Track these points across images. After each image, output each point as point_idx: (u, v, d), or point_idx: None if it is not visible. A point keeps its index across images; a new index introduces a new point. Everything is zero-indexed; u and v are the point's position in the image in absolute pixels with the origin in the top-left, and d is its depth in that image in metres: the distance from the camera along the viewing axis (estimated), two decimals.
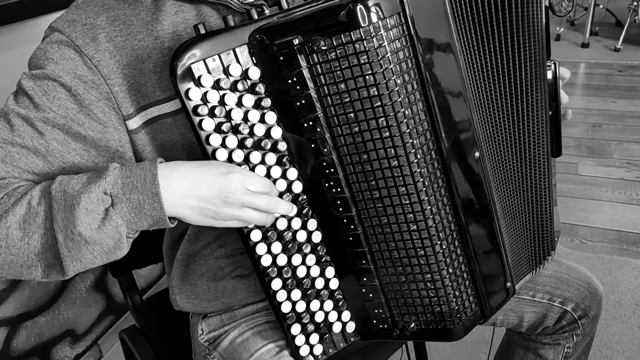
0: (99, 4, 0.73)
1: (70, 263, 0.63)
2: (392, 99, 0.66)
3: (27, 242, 0.63)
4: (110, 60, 0.71)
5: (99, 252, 0.64)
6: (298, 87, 0.68)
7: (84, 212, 0.61)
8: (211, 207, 0.66)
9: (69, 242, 0.62)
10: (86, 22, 0.71)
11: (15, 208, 0.63)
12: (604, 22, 4.47)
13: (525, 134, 0.83)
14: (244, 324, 0.90)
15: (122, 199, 0.63)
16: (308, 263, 0.78)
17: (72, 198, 0.62)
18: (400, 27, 0.66)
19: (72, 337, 1.58)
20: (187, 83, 0.66)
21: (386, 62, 0.65)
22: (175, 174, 0.65)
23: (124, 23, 0.72)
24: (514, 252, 0.87)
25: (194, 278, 0.89)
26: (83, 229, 0.61)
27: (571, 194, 2.33)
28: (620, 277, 1.88)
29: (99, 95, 0.71)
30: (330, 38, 0.65)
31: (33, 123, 0.69)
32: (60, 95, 0.70)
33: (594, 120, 3.03)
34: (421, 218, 0.72)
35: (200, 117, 0.67)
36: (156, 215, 0.64)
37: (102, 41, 0.71)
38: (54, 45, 0.70)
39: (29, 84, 0.70)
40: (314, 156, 0.72)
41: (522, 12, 0.77)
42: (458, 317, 0.79)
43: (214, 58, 0.67)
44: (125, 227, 0.64)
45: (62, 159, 0.71)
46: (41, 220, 0.63)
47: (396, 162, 0.70)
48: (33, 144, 0.69)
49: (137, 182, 0.63)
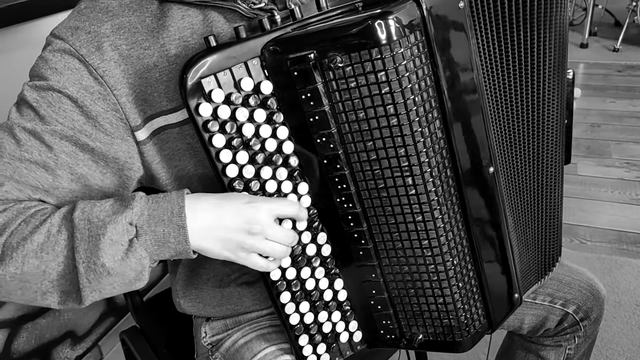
0: (102, 10, 0.69)
1: (89, 293, 0.62)
2: (410, 118, 0.64)
3: (43, 270, 0.61)
4: (115, 70, 0.68)
5: (119, 283, 0.64)
6: (312, 102, 0.66)
7: (109, 243, 0.60)
8: (235, 238, 0.65)
9: (91, 274, 0.61)
10: (90, 29, 0.67)
11: (34, 236, 0.61)
12: (603, 23, 4.45)
13: (541, 144, 0.82)
14: (247, 327, 0.90)
15: (147, 230, 0.62)
16: (317, 276, 0.77)
17: (98, 228, 0.60)
18: (420, 44, 0.63)
19: (73, 339, 1.57)
20: (197, 98, 0.63)
21: (405, 81, 0.63)
22: (200, 206, 0.64)
23: (129, 31, 0.69)
24: (523, 263, 0.87)
25: (199, 282, 0.88)
26: (107, 260, 0.60)
27: (570, 194, 2.33)
28: (620, 277, 1.88)
29: (106, 106, 0.68)
30: (347, 54, 0.62)
31: (40, 136, 0.66)
32: (66, 107, 0.67)
33: (593, 120, 3.02)
34: (434, 236, 0.71)
35: (210, 133, 0.65)
36: (180, 248, 0.64)
37: (107, 50, 0.67)
38: (57, 54, 0.67)
39: (33, 96, 0.67)
40: (326, 172, 0.70)
41: (545, 20, 0.74)
42: (466, 330, 0.79)
43: (225, 72, 0.64)
44: (148, 260, 0.63)
45: (71, 170, 0.69)
46: (60, 248, 0.61)
47: (411, 180, 0.68)
48: (42, 159, 0.67)
49: (164, 215, 0.62)
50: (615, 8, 4.46)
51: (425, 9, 0.62)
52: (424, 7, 0.62)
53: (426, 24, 0.62)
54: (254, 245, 0.66)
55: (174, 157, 0.75)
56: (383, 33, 0.60)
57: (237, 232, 0.65)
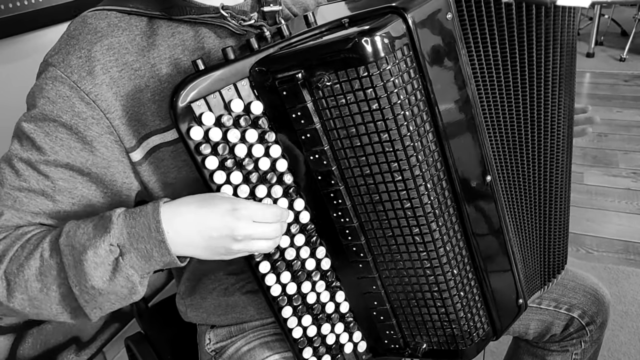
0: (91, 31, 0.69)
1: (91, 311, 0.65)
2: (400, 133, 0.64)
3: (46, 292, 0.64)
4: (107, 94, 0.68)
5: (115, 299, 0.65)
6: (303, 121, 0.66)
7: (93, 267, 0.61)
8: (221, 245, 0.65)
9: (85, 295, 0.63)
10: (81, 54, 0.68)
11: (30, 261, 0.64)
12: (609, 32, 4.42)
13: (546, 153, 0.81)
14: (251, 334, 0.91)
15: (129, 249, 0.63)
16: (318, 289, 0.77)
17: (79, 254, 0.62)
18: (408, 59, 0.62)
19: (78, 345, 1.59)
20: (189, 122, 0.64)
21: (394, 97, 0.62)
22: (179, 219, 0.64)
23: (119, 52, 0.69)
24: (528, 268, 0.86)
25: (204, 292, 0.89)
26: (95, 282, 0.62)
27: (577, 204, 2.30)
28: (627, 288, 1.87)
29: (100, 130, 0.69)
30: (335, 73, 0.62)
31: (37, 167, 0.68)
32: (62, 135, 0.68)
33: (600, 129, 3.00)
34: (432, 247, 0.71)
35: (202, 155, 0.65)
36: (166, 260, 0.64)
37: (98, 74, 0.68)
38: (49, 82, 0.68)
39: (30, 127, 0.68)
40: (321, 187, 0.70)
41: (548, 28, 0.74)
42: (470, 338, 0.79)
43: (215, 94, 0.64)
44: (137, 276, 0.64)
45: (71, 195, 0.70)
46: (55, 272, 0.64)
47: (406, 194, 0.68)
48: (39, 187, 0.68)
49: (142, 231, 0.63)
50: (622, 18, 4.44)
51: (412, 23, 0.61)
52: (410, 22, 0.61)
53: (413, 38, 0.62)
54: (241, 249, 0.66)
55: (169, 176, 0.75)
56: (369, 50, 0.60)
57: (222, 240, 0.65)
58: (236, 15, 0.73)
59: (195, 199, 0.66)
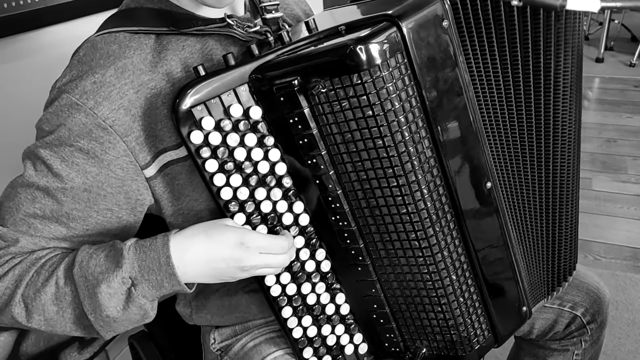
0: (103, 55, 0.69)
1: (105, 333, 0.69)
2: (395, 139, 0.64)
3: (62, 315, 0.68)
4: (125, 118, 0.68)
5: (128, 324, 0.70)
6: (300, 126, 0.67)
7: (107, 298, 0.65)
8: (228, 274, 0.69)
9: (100, 322, 0.67)
10: (95, 79, 0.67)
11: (46, 288, 0.67)
12: (619, 37, 4.31)
13: (552, 159, 0.80)
14: (256, 331, 0.92)
15: (141, 280, 0.66)
16: (318, 291, 0.79)
17: (93, 286, 0.65)
18: (402, 66, 0.63)
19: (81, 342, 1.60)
20: (189, 126, 0.66)
21: (387, 104, 0.63)
22: (188, 254, 0.67)
23: (133, 73, 0.69)
24: (532, 275, 0.85)
25: (207, 292, 0.90)
26: (110, 312, 0.66)
27: (585, 210, 2.25)
28: (635, 295, 1.82)
29: (116, 154, 0.69)
30: (330, 80, 0.63)
31: (53, 194, 0.69)
32: (79, 160, 0.68)
33: (609, 135, 2.93)
34: (429, 253, 0.71)
35: (202, 159, 0.67)
36: (177, 289, 0.68)
37: (115, 99, 0.68)
38: (65, 109, 0.67)
39: (46, 153, 0.68)
40: (320, 191, 0.72)
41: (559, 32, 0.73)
42: (469, 345, 0.78)
43: (215, 99, 0.66)
44: (149, 304, 0.68)
45: (84, 223, 0.72)
46: (70, 298, 0.67)
47: (402, 200, 0.68)
48: (53, 215, 0.70)
49: (153, 265, 0.66)
50: (632, 23, 4.32)
51: (406, 31, 0.62)
52: (405, 30, 0.62)
53: (407, 46, 0.62)
54: (246, 276, 0.70)
55: (184, 191, 0.76)
56: (363, 58, 0.61)
57: (229, 270, 0.68)
58: (241, 23, 0.75)
59: (203, 229, 0.68)
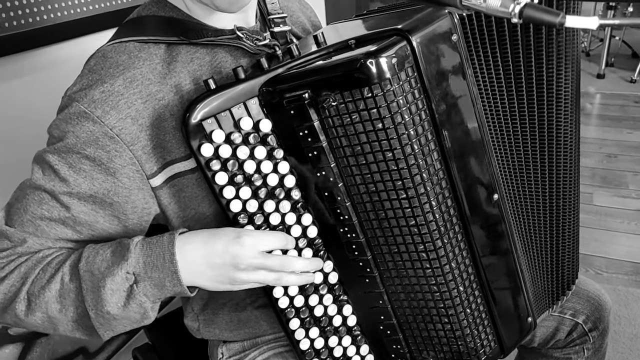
0: (113, 65, 0.70)
1: (104, 332, 0.70)
2: (404, 152, 0.65)
3: (64, 313, 0.69)
4: (132, 127, 0.69)
5: (127, 323, 0.70)
6: (310, 139, 0.68)
7: (109, 293, 0.66)
8: (225, 274, 0.69)
9: (100, 319, 0.68)
10: (103, 88, 0.68)
11: (51, 284, 0.68)
12: (620, 54, 4.37)
13: (554, 172, 0.81)
14: (264, 346, 0.92)
15: (144, 277, 0.67)
16: (325, 302, 0.79)
17: (98, 280, 0.66)
18: (412, 80, 0.64)
19: (85, 355, 1.58)
20: (200, 139, 0.66)
21: (397, 117, 0.63)
22: (189, 246, 0.68)
23: (142, 84, 0.70)
24: (537, 286, 0.86)
25: (215, 307, 0.90)
26: (110, 308, 0.67)
27: (586, 224, 2.27)
28: (637, 310, 1.82)
29: (122, 162, 0.70)
30: (340, 93, 0.63)
31: (59, 198, 0.70)
32: (85, 167, 0.69)
33: (610, 150, 2.97)
34: (437, 265, 0.72)
35: (212, 171, 0.67)
36: (177, 290, 0.68)
37: (122, 108, 0.68)
38: (73, 117, 0.68)
39: (54, 158, 0.69)
40: (329, 204, 0.72)
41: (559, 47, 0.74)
42: (476, 355, 0.79)
43: (225, 113, 0.66)
44: (149, 303, 0.68)
45: (90, 227, 0.73)
46: (74, 295, 0.68)
47: (410, 212, 0.69)
48: (60, 217, 0.71)
49: (157, 260, 0.67)
50: (633, 40, 4.39)
51: (416, 45, 0.63)
52: (415, 44, 0.62)
53: (417, 60, 0.63)
54: (245, 280, 0.69)
55: (191, 203, 0.76)
56: (374, 71, 0.61)
57: (225, 269, 0.68)
58: (250, 36, 0.75)
59: (206, 232, 0.70)
